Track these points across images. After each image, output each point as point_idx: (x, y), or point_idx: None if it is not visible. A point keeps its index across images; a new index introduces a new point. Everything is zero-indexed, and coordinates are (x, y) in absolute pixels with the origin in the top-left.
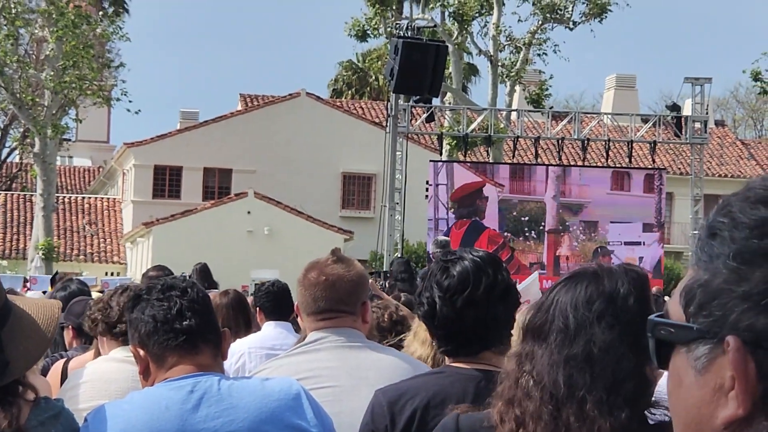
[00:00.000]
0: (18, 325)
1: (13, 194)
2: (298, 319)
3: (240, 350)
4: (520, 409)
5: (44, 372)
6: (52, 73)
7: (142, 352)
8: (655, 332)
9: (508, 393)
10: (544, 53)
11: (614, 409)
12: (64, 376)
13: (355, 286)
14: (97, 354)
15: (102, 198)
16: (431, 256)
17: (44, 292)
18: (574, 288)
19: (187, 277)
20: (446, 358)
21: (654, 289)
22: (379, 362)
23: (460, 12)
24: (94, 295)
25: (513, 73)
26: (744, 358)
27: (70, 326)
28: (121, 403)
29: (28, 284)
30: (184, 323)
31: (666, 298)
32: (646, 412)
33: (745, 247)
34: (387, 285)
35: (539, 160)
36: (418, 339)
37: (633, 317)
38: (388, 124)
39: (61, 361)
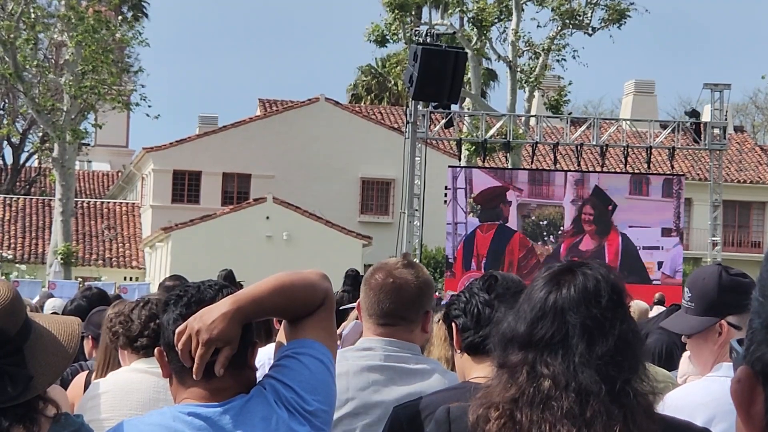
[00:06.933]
0: (40, 341)
1: (31, 199)
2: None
3: (260, 360)
4: (533, 412)
5: (63, 383)
6: (71, 77)
7: (166, 359)
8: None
9: (507, 395)
10: (563, 59)
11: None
12: (87, 388)
13: (421, 293)
14: (115, 366)
15: (121, 203)
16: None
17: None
18: (567, 288)
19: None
20: (465, 373)
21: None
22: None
23: (479, 18)
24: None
25: (532, 79)
26: (748, 390)
27: (89, 336)
28: (139, 423)
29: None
30: None
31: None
32: None
33: (765, 281)
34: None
35: (558, 166)
36: (432, 357)
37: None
38: (407, 130)
39: (84, 374)
